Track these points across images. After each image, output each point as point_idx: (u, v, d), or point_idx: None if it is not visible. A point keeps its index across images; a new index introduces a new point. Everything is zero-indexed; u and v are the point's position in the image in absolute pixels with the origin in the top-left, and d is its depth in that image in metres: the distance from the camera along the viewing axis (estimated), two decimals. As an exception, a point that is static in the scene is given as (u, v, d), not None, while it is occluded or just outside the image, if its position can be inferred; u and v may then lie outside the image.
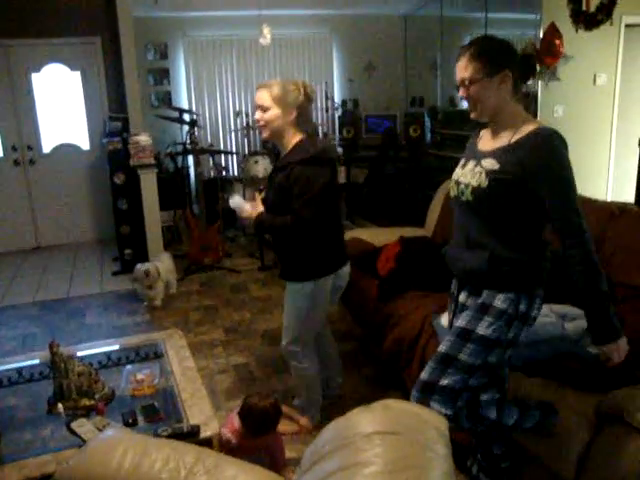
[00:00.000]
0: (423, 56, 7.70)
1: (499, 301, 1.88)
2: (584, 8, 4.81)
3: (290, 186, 2.45)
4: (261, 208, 2.62)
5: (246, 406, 2.33)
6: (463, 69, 1.84)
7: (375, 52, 7.78)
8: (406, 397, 2.36)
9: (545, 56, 5.01)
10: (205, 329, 4.19)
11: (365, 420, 1.14)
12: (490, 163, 1.85)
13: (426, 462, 1.05)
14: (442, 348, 1.97)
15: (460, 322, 1.95)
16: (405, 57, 7.99)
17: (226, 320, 4.34)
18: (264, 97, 2.52)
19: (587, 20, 4.79)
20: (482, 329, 1.89)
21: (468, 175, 1.91)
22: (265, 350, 3.80)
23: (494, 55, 1.84)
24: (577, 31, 4.89)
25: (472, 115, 1.91)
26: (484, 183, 1.83)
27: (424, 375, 1.97)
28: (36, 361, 2.84)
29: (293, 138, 2.56)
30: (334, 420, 1.23)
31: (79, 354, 2.83)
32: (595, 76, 5.39)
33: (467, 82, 1.84)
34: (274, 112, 2.51)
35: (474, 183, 1.86)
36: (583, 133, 5.41)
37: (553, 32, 4.95)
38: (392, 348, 2.89)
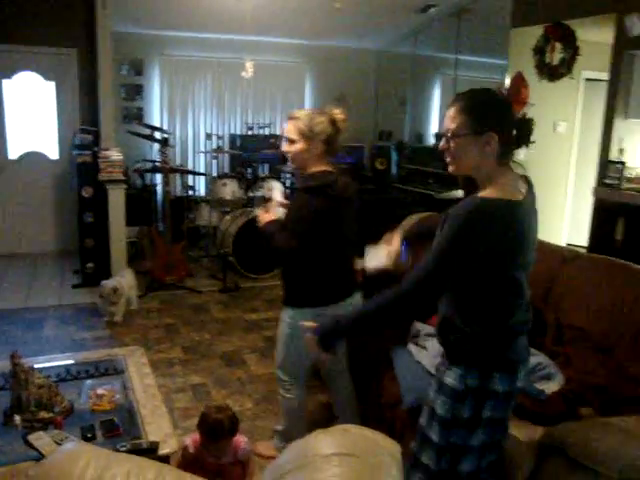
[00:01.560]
0: (393, 91, 7.94)
1: (449, 378, 1.78)
2: (548, 60, 5.07)
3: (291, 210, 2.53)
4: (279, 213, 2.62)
5: (203, 415, 2.37)
6: (450, 120, 1.73)
7: (347, 84, 7.97)
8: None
9: (512, 103, 5.24)
10: (164, 347, 4.20)
11: (324, 442, 1.22)
12: None
13: (379, 484, 1.13)
14: (421, 420, 1.90)
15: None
16: (376, 91, 8.21)
17: (186, 339, 4.36)
18: (291, 130, 2.52)
19: (550, 72, 5.05)
20: (439, 408, 1.80)
21: None
22: (223, 371, 3.83)
23: (486, 113, 1.72)
24: (540, 81, 5.14)
25: (450, 169, 1.79)
26: None
27: (413, 445, 1.92)
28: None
29: (316, 168, 2.55)
30: (294, 442, 1.30)
31: (37, 366, 2.83)
32: (555, 124, 5.64)
33: (450, 134, 1.73)
34: (300, 146, 2.51)
35: None
36: (543, 177, 5.61)
37: (520, 81, 5.21)
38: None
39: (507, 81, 5.34)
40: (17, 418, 2.30)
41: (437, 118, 7.74)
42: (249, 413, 3.32)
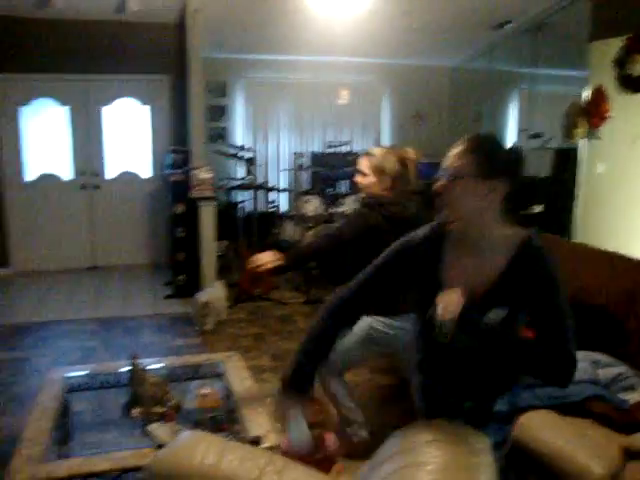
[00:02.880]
0: (470, 107, 8.00)
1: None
2: (629, 73, 5.04)
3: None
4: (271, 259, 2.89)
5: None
6: (455, 158, 1.60)
7: (423, 101, 8.12)
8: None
9: (592, 117, 5.25)
10: (253, 355, 4.46)
11: (425, 430, 1.40)
12: None
13: (475, 466, 1.29)
14: None
15: None
16: (452, 107, 8.30)
17: (274, 348, 4.60)
18: (364, 164, 2.86)
19: (632, 85, 5.01)
20: None
21: None
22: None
23: (495, 158, 1.59)
24: (621, 94, 5.11)
25: (446, 213, 1.65)
26: None
27: None
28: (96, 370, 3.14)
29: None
30: (396, 431, 1.48)
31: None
32: (636, 137, 5.57)
33: (453, 173, 1.59)
34: (370, 180, 2.84)
35: None
36: (623, 191, 5.59)
37: (600, 95, 5.19)
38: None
39: (586, 94, 5.33)
40: (135, 411, 2.58)
41: (514, 133, 7.75)
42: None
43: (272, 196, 7.32)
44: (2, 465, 2.33)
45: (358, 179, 2.90)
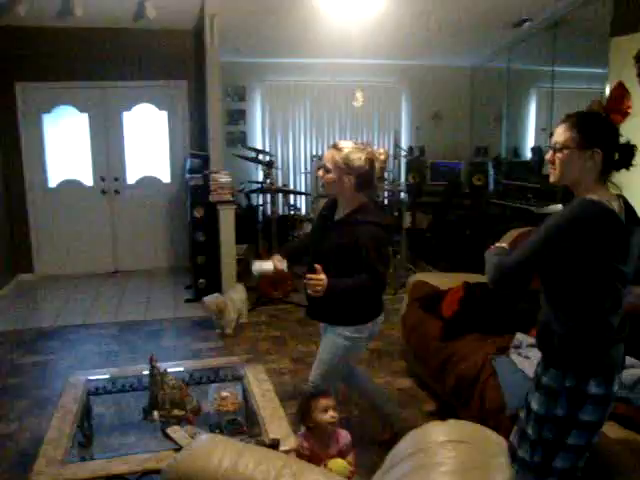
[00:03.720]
0: (489, 107, 7.95)
1: (545, 377, 1.95)
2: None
3: (358, 241, 2.59)
4: (282, 263, 2.89)
5: (303, 400, 2.69)
6: (559, 134, 1.92)
7: (442, 101, 8.08)
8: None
9: (613, 113, 5.18)
10: (273, 358, 4.47)
11: (439, 431, 1.38)
12: None
13: (491, 467, 1.28)
14: (521, 415, 2.08)
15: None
16: (471, 107, 8.26)
17: (293, 351, 4.61)
18: (328, 159, 2.68)
19: (653, 80, 4.94)
20: (534, 404, 1.98)
21: None
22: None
23: (591, 130, 1.87)
24: (643, 90, 5.04)
25: (551, 179, 1.97)
26: None
27: (512, 438, 2.09)
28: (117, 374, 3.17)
29: (353, 200, 2.71)
30: (411, 431, 1.47)
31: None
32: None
33: (558, 146, 1.90)
34: (332, 176, 2.66)
35: None
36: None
37: (621, 91, 5.12)
38: (453, 385, 3.08)
39: (607, 91, 5.26)
40: (155, 414, 2.60)
41: (534, 132, 7.68)
42: (355, 420, 3.49)
43: (292, 199, 7.34)
44: (25, 467, 2.36)
45: (320, 173, 2.74)
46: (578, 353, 1.88)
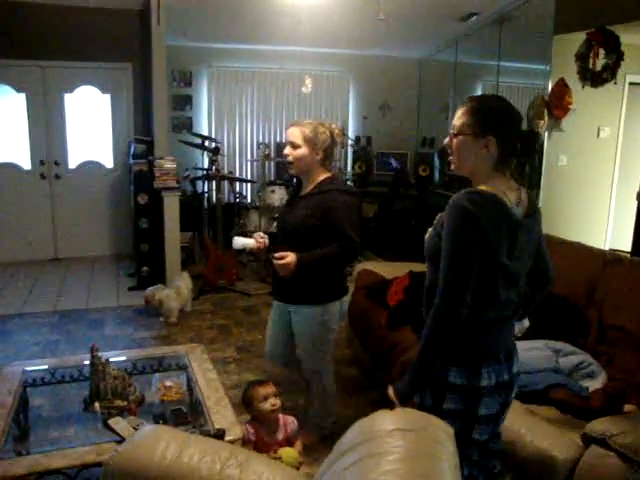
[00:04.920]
0: (436, 99, 8.04)
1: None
2: (591, 67, 5.11)
3: (329, 210, 2.62)
4: (263, 239, 2.88)
5: (246, 390, 2.71)
6: (457, 118, 1.83)
7: (390, 92, 8.12)
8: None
9: (555, 108, 5.32)
10: (218, 346, 4.42)
11: (387, 419, 1.38)
12: None
13: (438, 454, 1.29)
14: None
15: None
16: (419, 99, 8.33)
17: (238, 339, 4.57)
18: (296, 135, 2.72)
19: (593, 78, 5.09)
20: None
21: None
22: (276, 370, 4.01)
23: (488, 117, 1.78)
24: (583, 87, 5.19)
25: (451, 166, 1.88)
26: None
27: None
28: (56, 364, 3.07)
29: (320, 175, 2.77)
30: (359, 420, 1.47)
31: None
32: (599, 129, 5.68)
33: (455, 131, 1.82)
34: (303, 151, 2.71)
35: None
36: (585, 182, 5.70)
37: (563, 87, 5.26)
38: (399, 374, 3.11)
39: (549, 87, 5.40)
40: (96, 405, 2.53)
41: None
42: (302, 409, 3.49)
43: (238, 187, 7.26)
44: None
45: (287, 151, 2.75)
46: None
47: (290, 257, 2.58)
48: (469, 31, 6.99)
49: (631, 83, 5.64)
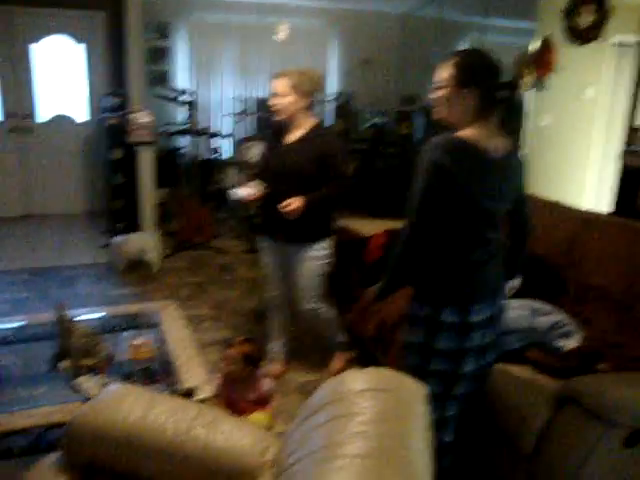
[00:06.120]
0: (419, 56, 7.88)
1: (410, 308, 2.04)
2: (577, 24, 5.01)
3: (328, 154, 2.83)
4: (258, 188, 2.95)
5: (228, 347, 2.67)
6: (441, 71, 1.94)
7: (372, 48, 7.93)
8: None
9: (538, 67, 5.23)
10: (193, 304, 4.36)
11: (358, 379, 1.33)
12: None
13: (408, 415, 1.24)
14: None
15: None
16: (401, 56, 8.16)
17: (214, 297, 4.50)
18: (283, 84, 2.84)
19: (579, 36, 4.99)
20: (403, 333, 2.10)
21: None
22: (252, 327, 3.98)
23: (469, 70, 1.90)
24: (569, 45, 5.09)
25: (434, 115, 1.99)
26: None
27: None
28: (25, 323, 2.98)
29: (306, 121, 2.92)
30: (329, 379, 1.42)
31: (77, 319, 2.98)
32: (583, 89, 5.60)
33: (439, 84, 1.93)
34: (291, 99, 2.84)
35: None
36: (568, 143, 5.63)
37: (547, 44, 5.16)
38: (374, 333, 3.07)
39: (534, 45, 5.28)
40: (63, 364, 2.46)
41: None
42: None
43: (216, 142, 7.09)
44: None
45: (275, 100, 2.87)
46: (433, 284, 1.96)
47: (297, 202, 2.76)
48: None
49: (620, 44, 5.53)
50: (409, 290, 2.03)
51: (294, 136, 2.94)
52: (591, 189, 5.91)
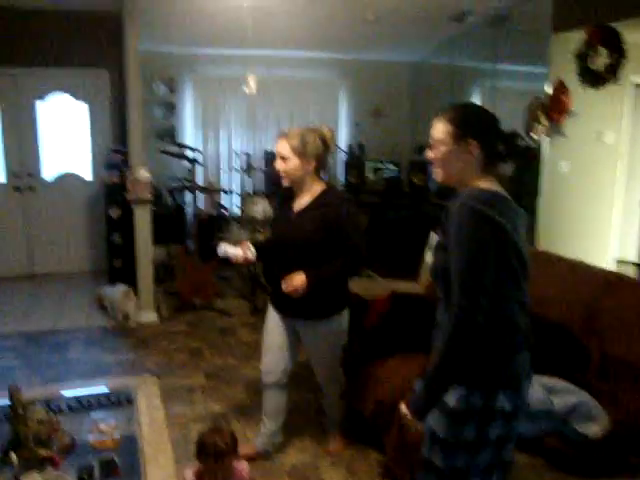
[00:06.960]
0: (431, 104, 7.72)
1: (451, 397, 1.66)
2: (591, 66, 4.78)
3: (338, 224, 2.59)
4: (251, 252, 2.75)
5: (199, 438, 2.26)
6: (435, 129, 1.80)
7: (383, 98, 7.81)
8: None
9: (552, 112, 5.00)
10: (187, 372, 4.08)
11: None
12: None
13: None
14: (423, 450, 1.77)
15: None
16: (413, 105, 8.02)
17: (209, 364, 4.22)
18: (284, 147, 2.63)
19: (594, 78, 4.75)
20: (440, 431, 1.69)
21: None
22: (245, 400, 3.66)
23: (466, 122, 1.76)
24: (584, 89, 4.85)
25: (437, 178, 1.83)
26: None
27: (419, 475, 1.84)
28: None
29: (314, 186, 2.70)
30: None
31: (47, 396, 2.72)
32: (601, 133, 5.33)
33: (435, 142, 1.78)
34: (294, 163, 2.62)
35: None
36: (587, 189, 5.34)
37: (560, 88, 4.94)
38: (373, 409, 2.76)
39: (546, 89, 5.06)
40: (14, 456, 2.17)
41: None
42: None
43: (222, 198, 6.92)
44: None
45: (278, 165, 2.66)
46: (484, 366, 1.65)
47: (298, 280, 2.54)
48: (464, 33, 6.69)
49: (637, 84, 5.28)
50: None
51: (300, 204, 2.72)
52: (615, 238, 5.56)
